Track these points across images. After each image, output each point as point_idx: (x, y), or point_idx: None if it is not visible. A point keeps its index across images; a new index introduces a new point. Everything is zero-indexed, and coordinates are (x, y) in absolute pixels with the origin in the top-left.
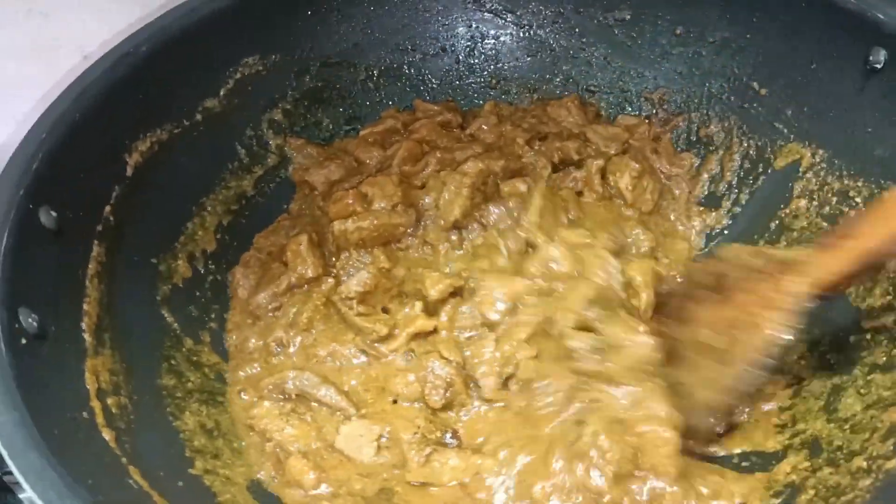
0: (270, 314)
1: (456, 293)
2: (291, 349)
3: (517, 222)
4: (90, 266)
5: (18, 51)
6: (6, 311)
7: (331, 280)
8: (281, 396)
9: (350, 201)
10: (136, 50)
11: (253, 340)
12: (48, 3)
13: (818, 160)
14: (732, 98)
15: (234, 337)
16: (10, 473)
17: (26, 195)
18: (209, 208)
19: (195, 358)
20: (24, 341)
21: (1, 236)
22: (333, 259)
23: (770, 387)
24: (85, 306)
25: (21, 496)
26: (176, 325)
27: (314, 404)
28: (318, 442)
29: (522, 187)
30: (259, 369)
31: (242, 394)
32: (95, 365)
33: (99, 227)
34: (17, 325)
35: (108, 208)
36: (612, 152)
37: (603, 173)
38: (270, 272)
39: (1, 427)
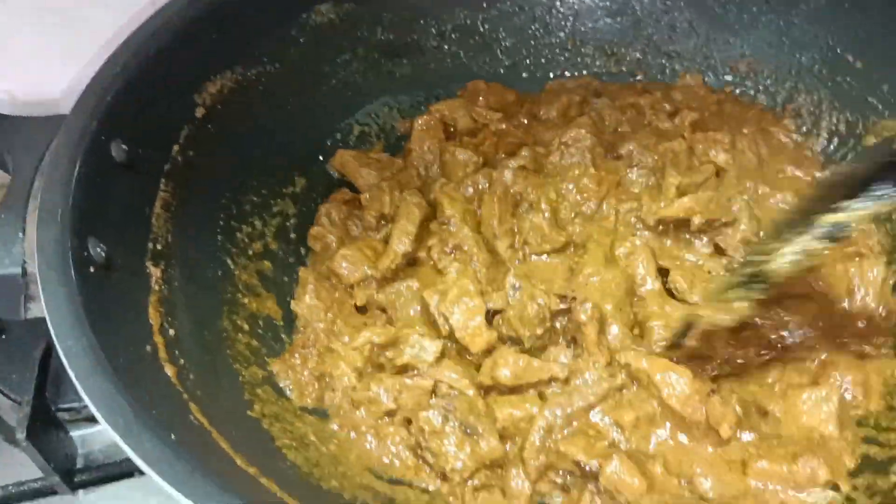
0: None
1: None
2: None
3: None
4: (157, 204)
5: None
6: (76, 238)
7: None
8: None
9: None
10: None
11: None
12: None
13: None
14: (824, 71)
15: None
16: (64, 409)
17: (99, 127)
18: (280, 159)
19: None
20: (91, 269)
21: (73, 165)
22: None
23: None
24: (150, 243)
25: (73, 433)
26: (236, 271)
27: None
28: None
29: None
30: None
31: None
32: (158, 301)
33: (167, 167)
34: (85, 253)
35: (175, 147)
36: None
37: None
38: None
39: (69, 352)
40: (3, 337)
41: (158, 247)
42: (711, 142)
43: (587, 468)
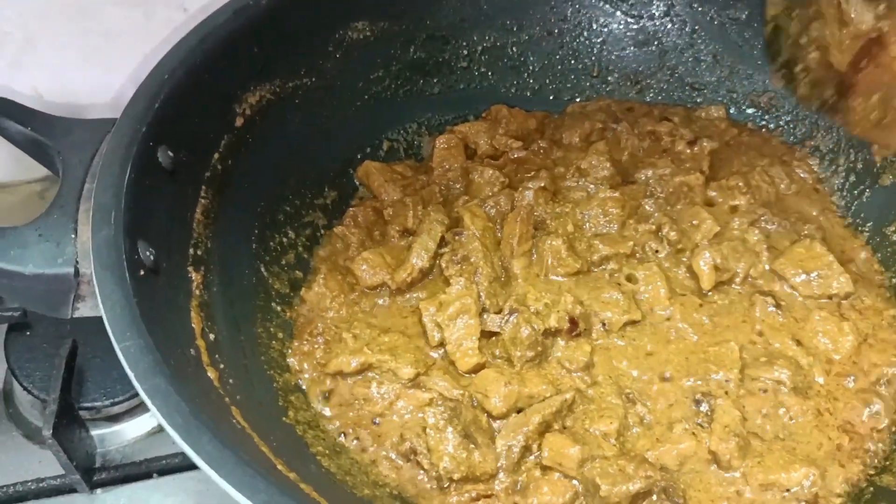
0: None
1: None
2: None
3: None
4: (198, 210)
5: None
6: (129, 241)
7: None
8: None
9: None
10: (256, 3)
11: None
12: None
13: None
14: None
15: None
16: (85, 408)
17: (148, 132)
18: (312, 171)
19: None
20: (141, 272)
21: (125, 169)
22: None
23: None
24: (191, 248)
25: (94, 433)
26: (269, 279)
27: None
28: None
29: None
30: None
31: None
32: (199, 305)
33: (207, 174)
34: (136, 256)
35: (216, 156)
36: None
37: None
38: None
39: (127, 351)
40: (29, 333)
41: (199, 252)
42: (726, 190)
43: None
